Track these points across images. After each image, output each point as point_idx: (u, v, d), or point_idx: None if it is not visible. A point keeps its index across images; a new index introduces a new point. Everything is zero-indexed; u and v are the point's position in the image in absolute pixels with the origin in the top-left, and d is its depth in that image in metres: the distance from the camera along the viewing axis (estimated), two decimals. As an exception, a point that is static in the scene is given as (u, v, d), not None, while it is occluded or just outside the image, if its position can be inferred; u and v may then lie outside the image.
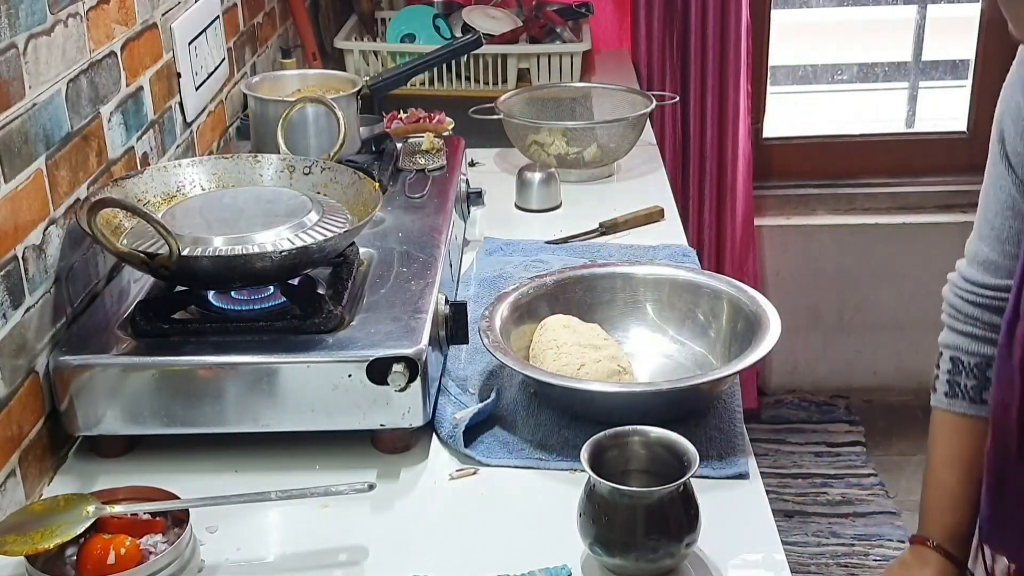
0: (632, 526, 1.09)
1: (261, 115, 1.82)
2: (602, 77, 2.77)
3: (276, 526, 1.23)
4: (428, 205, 1.71)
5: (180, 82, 1.78)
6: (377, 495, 1.22)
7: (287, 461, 1.32)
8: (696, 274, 1.55)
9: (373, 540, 1.19)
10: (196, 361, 1.28)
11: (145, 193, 1.47)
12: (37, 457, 1.27)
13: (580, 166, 2.16)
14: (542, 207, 2.02)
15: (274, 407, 1.29)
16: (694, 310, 1.51)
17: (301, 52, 2.60)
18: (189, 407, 1.28)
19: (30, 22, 1.27)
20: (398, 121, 2.15)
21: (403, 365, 1.26)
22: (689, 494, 1.12)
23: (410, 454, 1.34)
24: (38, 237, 1.29)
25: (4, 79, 1.21)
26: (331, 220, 1.40)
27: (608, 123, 2.17)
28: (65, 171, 1.36)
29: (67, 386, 1.27)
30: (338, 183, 1.52)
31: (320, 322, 1.31)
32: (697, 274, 1.55)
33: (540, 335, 1.44)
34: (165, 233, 1.26)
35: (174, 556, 1.10)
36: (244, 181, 1.54)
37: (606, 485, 1.09)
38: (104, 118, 1.48)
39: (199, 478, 1.27)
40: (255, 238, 1.34)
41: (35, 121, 1.28)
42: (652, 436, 1.17)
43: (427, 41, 2.73)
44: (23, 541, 1.08)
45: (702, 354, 1.49)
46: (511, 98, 2.29)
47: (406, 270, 1.47)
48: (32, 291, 1.27)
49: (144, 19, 1.64)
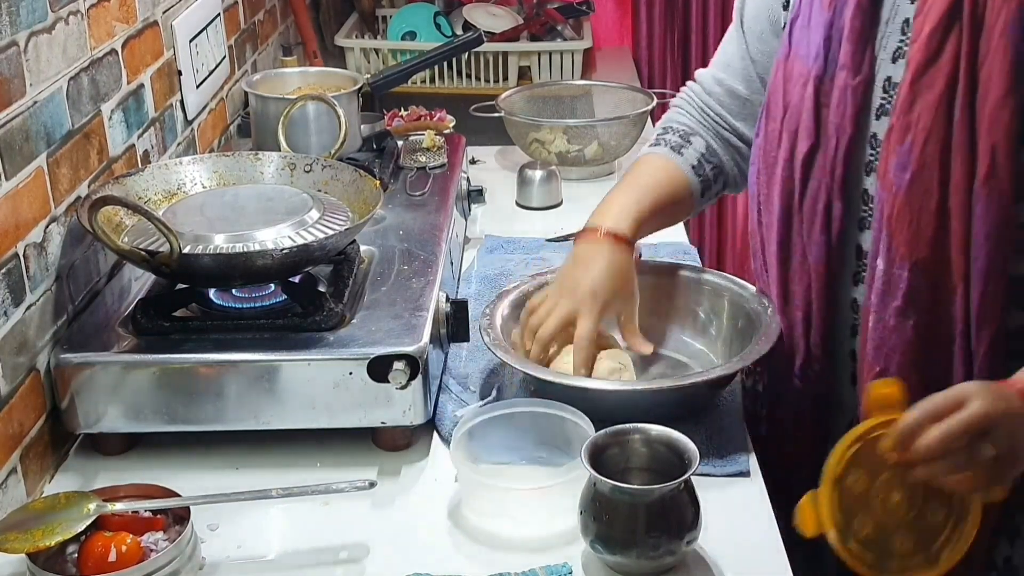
0: (633, 524, 1.09)
1: (262, 113, 1.82)
2: (603, 75, 2.77)
3: (277, 524, 1.23)
4: (429, 203, 1.71)
5: (181, 80, 1.78)
6: (378, 493, 1.22)
7: (288, 459, 1.32)
8: (697, 271, 1.55)
9: (374, 537, 1.19)
10: (197, 359, 1.28)
11: (146, 191, 1.47)
12: (38, 455, 1.27)
13: (581, 164, 2.16)
14: (543, 205, 2.02)
15: (275, 405, 1.29)
16: (695, 307, 1.51)
17: (302, 50, 2.60)
18: (190, 405, 1.28)
19: (31, 20, 1.27)
20: (399, 119, 2.15)
21: (404, 363, 1.26)
22: (690, 492, 1.12)
23: (411, 452, 1.34)
24: (39, 235, 1.29)
25: (5, 77, 1.21)
26: (332, 218, 1.40)
27: (609, 121, 2.17)
28: (66, 169, 1.36)
29: (68, 384, 1.27)
30: (339, 181, 1.52)
31: (321, 320, 1.31)
32: (698, 271, 1.55)
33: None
34: (166, 231, 1.26)
35: (175, 554, 1.10)
36: (245, 179, 1.54)
37: (607, 483, 1.09)
38: (105, 116, 1.48)
39: (200, 476, 1.27)
40: (256, 236, 1.33)
41: (36, 119, 1.28)
42: (653, 434, 1.17)
43: (428, 39, 2.74)
44: (24, 539, 1.09)
45: (702, 352, 1.49)
46: (512, 96, 2.29)
47: (407, 268, 1.47)
48: (33, 289, 1.27)
49: (145, 17, 1.64)
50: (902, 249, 1.18)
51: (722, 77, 1.47)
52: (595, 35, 2.88)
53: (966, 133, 1.13)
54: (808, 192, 1.28)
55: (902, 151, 1.16)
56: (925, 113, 1.15)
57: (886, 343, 1.22)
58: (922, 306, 1.19)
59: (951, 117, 1.13)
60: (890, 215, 1.19)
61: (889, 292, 1.21)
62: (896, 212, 1.18)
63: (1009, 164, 1.11)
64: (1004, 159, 1.11)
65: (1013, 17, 1.10)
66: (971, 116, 1.12)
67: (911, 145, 1.16)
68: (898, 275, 1.19)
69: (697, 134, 1.48)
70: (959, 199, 1.14)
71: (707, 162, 1.47)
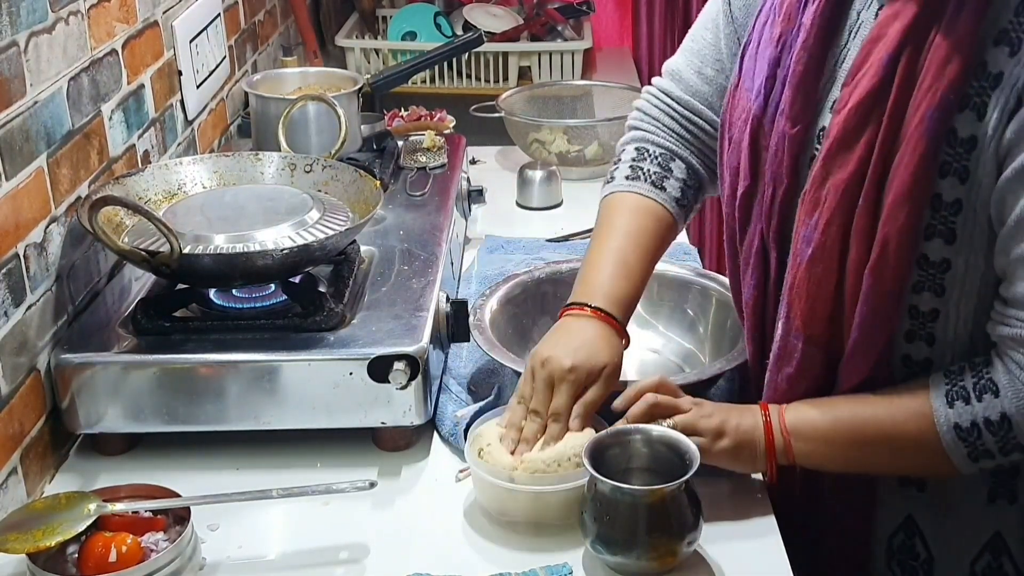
0: (634, 524, 1.09)
1: (262, 113, 1.82)
2: (603, 75, 2.77)
3: (277, 524, 1.23)
4: (429, 203, 1.71)
5: (181, 80, 1.78)
6: (378, 493, 1.22)
7: (288, 459, 1.32)
8: (685, 270, 1.56)
9: (374, 538, 1.19)
10: (197, 359, 1.28)
11: (146, 191, 1.47)
12: (38, 455, 1.27)
13: (581, 164, 2.16)
14: (543, 205, 2.02)
15: (275, 405, 1.29)
16: (683, 305, 1.52)
17: (302, 50, 2.60)
18: (190, 405, 1.28)
19: (31, 20, 1.27)
20: (399, 119, 2.15)
21: (404, 363, 1.26)
22: (691, 492, 1.12)
23: (411, 452, 1.34)
24: (39, 235, 1.29)
25: (5, 77, 1.21)
26: (332, 218, 1.40)
27: (609, 121, 2.17)
28: (66, 169, 1.36)
29: (68, 384, 1.27)
30: (339, 181, 1.52)
31: (321, 320, 1.31)
32: (686, 270, 1.56)
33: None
34: (166, 231, 1.26)
35: (175, 554, 1.10)
36: (245, 179, 1.54)
37: (608, 483, 1.09)
38: (105, 116, 1.48)
39: (200, 476, 1.27)
40: (256, 236, 1.33)
41: (36, 119, 1.28)
42: (654, 434, 1.17)
43: (428, 39, 2.74)
44: (25, 539, 1.09)
45: (690, 350, 1.49)
46: (512, 96, 2.29)
47: (407, 268, 1.47)
48: (33, 289, 1.27)
49: (145, 17, 1.64)
50: (797, 322, 1.16)
51: (710, 74, 1.37)
52: (595, 35, 2.88)
53: (866, 220, 1.09)
54: (747, 234, 1.25)
55: (809, 225, 1.14)
56: (832, 193, 1.11)
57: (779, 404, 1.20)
58: (812, 378, 1.18)
59: (856, 202, 1.10)
60: (791, 285, 1.17)
61: (784, 358, 1.19)
62: (797, 284, 1.16)
63: (897, 258, 1.08)
64: (894, 253, 1.08)
65: (933, 107, 1.05)
66: (875, 205, 1.09)
67: (816, 222, 1.13)
68: (794, 344, 1.17)
69: (677, 157, 1.38)
70: (852, 282, 1.11)
71: (689, 188, 1.38)
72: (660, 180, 1.36)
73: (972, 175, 1.06)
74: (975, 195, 1.06)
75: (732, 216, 1.27)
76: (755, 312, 1.26)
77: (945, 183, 1.07)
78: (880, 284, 1.09)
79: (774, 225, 1.20)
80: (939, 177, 1.07)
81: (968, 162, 1.06)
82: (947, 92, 1.05)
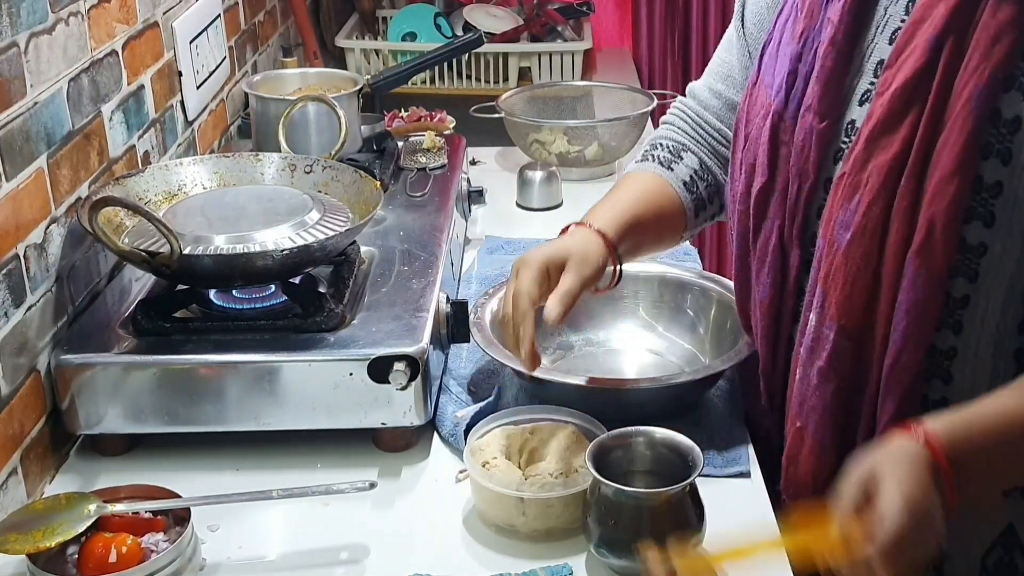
0: (638, 527, 1.09)
1: (262, 114, 1.82)
2: (603, 75, 2.77)
3: (277, 524, 1.23)
4: (429, 204, 1.71)
5: (181, 81, 1.78)
6: (378, 493, 1.22)
7: (288, 460, 1.31)
8: (685, 271, 1.56)
9: (374, 538, 1.19)
10: (197, 360, 1.28)
11: (146, 192, 1.47)
12: (38, 456, 1.27)
13: (581, 165, 2.16)
14: (543, 206, 2.02)
15: (275, 406, 1.28)
16: (683, 306, 1.52)
17: (302, 51, 2.60)
18: (190, 406, 1.28)
19: (31, 20, 1.27)
20: (399, 120, 2.15)
21: (404, 364, 1.26)
22: (695, 495, 1.11)
23: (411, 452, 1.34)
24: (39, 236, 1.29)
25: (5, 78, 1.21)
26: (332, 219, 1.40)
27: (609, 121, 2.17)
28: (66, 170, 1.36)
29: (68, 385, 1.27)
30: (339, 182, 1.52)
31: (321, 321, 1.31)
32: (686, 271, 1.56)
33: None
34: (166, 232, 1.26)
35: (175, 555, 1.10)
36: (245, 180, 1.54)
37: (611, 486, 1.09)
38: (105, 117, 1.48)
39: (200, 477, 1.27)
40: (256, 237, 1.33)
41: (36, 120, 1.28)
42: (657, 436, 1.17)
43: (428, 39, 2.74)
44: (25, 540, 1.09)
45: (690, 351, 1.49)
46: (512, 96, 2.29)
47: (407, 269, 1.47)
48: (33, 290, 1.27)
49: (145, 18, 1.64)
50: (832, 310, 1.14)
51: (720, 88, 1.41)
52: (595, 36, 2.88)
53: (909, 200, 1.08)
54: (762, 231, 1.24)
55: (848, 209, 1.12)
56: (875, 175, 1.10)
57: (807, 401, 1.18)
58: (844, 371, 1.15)
59: (899, 183, 1.09)
60: (827, 273, 1.15)
61: (816, 350, 1.17)
62: (833, 271, 1.14)
63: (944, 239, 1.06)
64: (940, 233, 1.06)
65: (980, 87, 1.04)
66: (918, 185, 1.08)
67: (857, 205, 1.11)
68: (826, 335, 1.15)
69: (689, 150, 1.42)
70: (892, 267, 1.10)
71: (700, 180, 1.40)
72: (668, 163, 1.41)
73: (1015, 157, 1.05)
74: (1017, 177, 1.05)
75: (746, 214, 1.27)
76: (770, 312, 1.25)
77: (987, 164, 1.06)
78: (929, 267, 1.07)
79: (798, 221, 1.19)
80: (981, 158, 1.06)
81: (1012, 144, 1.05)
82: (994, 72, 1.04)
